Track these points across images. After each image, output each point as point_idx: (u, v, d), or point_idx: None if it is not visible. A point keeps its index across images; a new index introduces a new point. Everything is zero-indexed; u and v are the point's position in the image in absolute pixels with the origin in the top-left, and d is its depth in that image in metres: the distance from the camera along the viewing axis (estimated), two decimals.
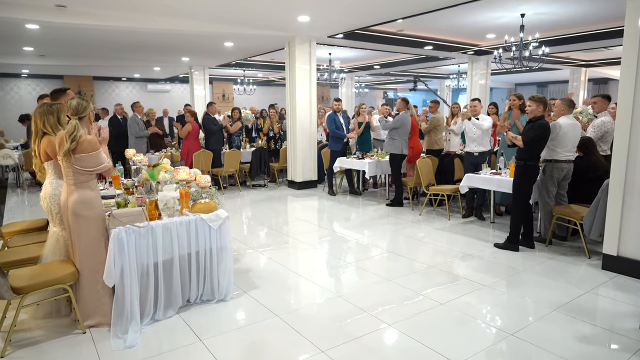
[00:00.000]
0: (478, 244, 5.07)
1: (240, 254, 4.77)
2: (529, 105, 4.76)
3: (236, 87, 16.52)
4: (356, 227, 5.93)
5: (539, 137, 4.60)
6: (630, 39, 3.88)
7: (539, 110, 4.69)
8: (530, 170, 4.72)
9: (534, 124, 4.67)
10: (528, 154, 4.67)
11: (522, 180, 4.78)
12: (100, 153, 3.01)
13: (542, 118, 4.68)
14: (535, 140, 4.60)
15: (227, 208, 7.16)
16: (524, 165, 4.74)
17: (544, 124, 4.61)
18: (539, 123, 4.62)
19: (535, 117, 4.69)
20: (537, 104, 4.69)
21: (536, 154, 4.69)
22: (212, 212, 3.42)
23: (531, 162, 4.69)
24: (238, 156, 8.38)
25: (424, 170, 6.48)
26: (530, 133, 4.64)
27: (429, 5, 6.50)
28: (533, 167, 4.71)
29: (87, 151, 2.93)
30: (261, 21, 7.33)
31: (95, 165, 2.98)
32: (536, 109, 4.70)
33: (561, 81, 19.52)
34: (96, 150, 2.98)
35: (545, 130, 4.60)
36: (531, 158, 4.68)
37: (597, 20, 7.94)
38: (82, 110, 3.04)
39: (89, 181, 3.00)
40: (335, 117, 7.88)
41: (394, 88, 23.72)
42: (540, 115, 4.69)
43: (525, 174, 4.75)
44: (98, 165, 2.99)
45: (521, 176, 4.79)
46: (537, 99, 4.70)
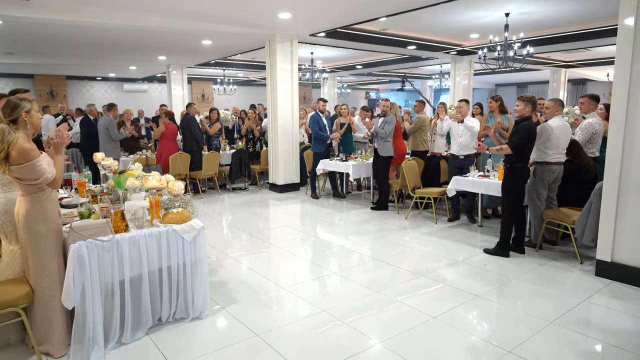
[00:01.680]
0: (467, 250, 4.89)
1: (219, 264, 4.48)
2: (517, 105, 4.60)
3: (216, 87, 16.13)
4: (340, 233, 5.70)
5: (524, 141, 4.45)
6: (623, 38, 3.75)
7: (527, 110, 4.54)
8: (519, 172, 4.56)
9: (518, 127, 4.53)
10: (515, 157, 4.52)
11: (510, 183, 4.62)
12: (35, 164, 2.54)
13: (529, 119, 4.53)
14: (521, 144, 4.46)
15: (206, 213, 6.94)
16: (511, 168, 4.58)
17: (528, 126, 4.46)
18: (523, 125, 4.48)
19: (522, 117, 4.55)
20: (525, 103, 4.54)
21: (524, 156, 4.52)
22: (186, 222, 3.13)
23: (519, 165, 4.54)
24: (217, 158, 8.07)
25: (409, 173, 6.29)
26: (514, 138, 4.49)
27: (412, 3, 6.32)
28: (521, 170, 4.55)
29: (18, 162, 2.51)
30: (240, 18, 7.04)
31: (34, 178, 2.56)
32: (524, 109, 4.54)
33: (541, 82, 19.71)
34: (30, 161, 2.52)
35: (530, 131, 4.45)
36: (518, 160, 4.53)
37: (580, 21, 7.90)
38: (11, 112, 2.58)
39: (39, 192, 2.64)
40: (319, 118, 7.64)
41: (376, 88, 23.61)
42: (527, 115, 4.54)
43: (513, 176, 4.59)
44: (37, 177, 2.57)
45: (509, 179, 4.63)
46: (526, 98, 4.54)
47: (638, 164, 3.77)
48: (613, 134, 3.90)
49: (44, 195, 2.69)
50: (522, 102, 4.54)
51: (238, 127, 10.32)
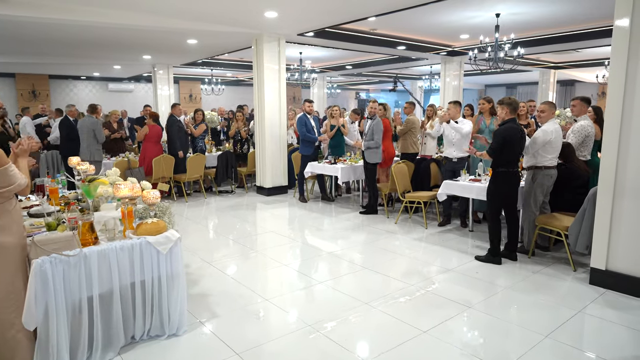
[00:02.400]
0: (458, 257, 4.75)
1: (201, 273, 4.28)
2: (497, 109, 4.51)
3: (204, 87, 15.86)
4: (329, 239, 5.53)
5: (500, 145, 4.35)
6: (619, 39, 3.63)
7: (504, 113, 4.43)
8: (500, 177, 4.45)
9: (496, 131, 4.46)
10: (496, 162, 4.43)
11: (492, 187, 4.53)
12: (7, 169, 2.38)
13: (509, 122, 4.41)
14: (498, 148, 4.36)
15: (190, 217, 6.72)
16: (494, 172, 4.50)
17: (503, 130, 4.37)
18: (499, 130, 4.40)
19: (504, 120, 4.44)
20: (501, 107, 4.46)
21: (506, 159, 4.40)
22: (162, 233, 2.93)
23: (501, 169, 4.42)
24: (202, 161, 7.85)
25: (399, 177, 6.15)
26: (492, 142, 4.44)
27: (402, 3, 6.17)
28: (504, 174, 4.43)
29: None
30: (225, 17, 6.84)
31: (7, 184, 2.38)
32: (501, 112, 4.45)
33: (530, 83, 19.73)
34: (1, 167, 2.36)
35: (505, 135, 4.33)
36: (500, 165, 4.42)
37: (571, 22, 7.83)
38: None
39: (5, 202, 2.45)
40: (306, 120, 7.47)
41: (366, 89, 23.50)
42: (508, 119, 4.42)
43: (495, 181, 4.50)
44: (10, 184, 2.39)
45: (492, 184, 4.55)
46: (505, 102, 4.43)
47: (634, 168, 3.66)
48: (608, 137, 3.78)
49: (10, 205, 2.48)
50: (500, 106, 4.47)
51: (224, 128, 10.12)
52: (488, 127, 5.88)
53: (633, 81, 3.58)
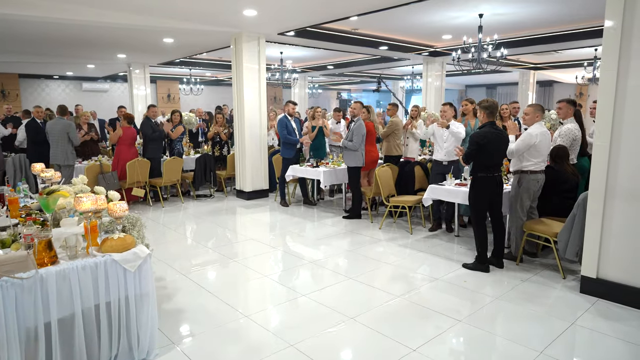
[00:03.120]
0: (445, 264, 4.61)
1: (176, 287, 4.03)
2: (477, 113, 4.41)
3: (182, 87, 15.45)
4: (312, 246, 5.33)
5: (475, 151, 4.24)
6: (609, 41, 3.53)
7: (482, 117, 4.34)
8: (478, 182, 4.35)
9: (471, 136, 4.37)
10: (473, 167, 4.35)
11: (472, 193, 4.43)
12: None
13: (487, 125, 4.31)
14: (473, 154, 4.26)
15: (166, 224, 6.42)
16: (473, 178, 4.42)
17: (477, 134, 4.27)
18: (475, 134, 4.30)
19: (482, 124, 4.35)
20: (480, 110, 4.37)
21: (483, 165, 4.30)
22: (129, 249, 2.68)
23: (480, 174, 4.32)
24: (179, 164, 7.55)
25: (383, 180, 5.98)
26: (467, 148, 4.35)
27: (385, 2, 6.01)
28: (483, 179, 4.32)
29: None
30: (203, 15, 6.56)
31: None
32: (480, 115, 4.36)
33: (510, 83, 19.90)
34: None
35: (479, 139, 4.22)
36: (477, 170, 4.33)
37: (554, 23, 7.81)
38: None
39: None
40: (287, 122, 7.25)
41: (347, 89, 23.37)
42: (485, 122, 4.32)
43: (473, 186, 4.41)
44: None
45: (471, 189, 4.45)
46: (482, 106, 4.33)
47: (626, 171, 3.55)
48: (599, 140, 3.67)
49: None
50: (478, 109, 4.35)
51: (202, 130, 9.83)
52: (473, 129, 5.76)
53: (624, 81, 3.48)
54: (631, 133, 3.49)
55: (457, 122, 5.69)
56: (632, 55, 3.43)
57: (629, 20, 3.42)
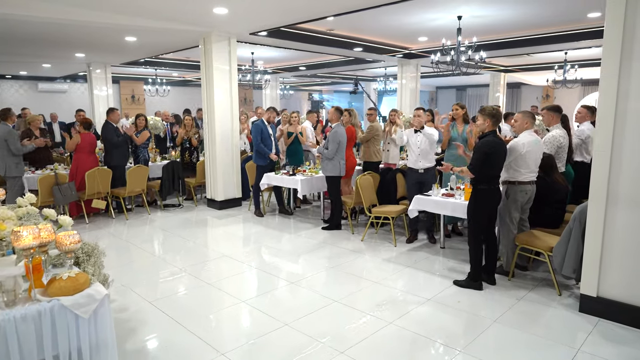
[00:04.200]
0: (434, 281, 4.34)
1: (139, 319, 3.57)
2: (477, 119, 4.12)
3: (147, 88, 14.71)
4: (291, 264, 4.95)
5: (481, 161, 3.95)
6: (611, 43, 3.32)
7: (487, 125, 4.07)
8: (481, 194, 4.07)
9: (476, 145, 4.07)
10: (477, 178, 4.03)
11: (472, 206, 4.14)
12: None
13: (490, 134, 4.06)
14: (479, 164, 3.96)
15: (129, 240, 5.86)
16: (474, 190, 4.11)
17: (485, 144, 3.97)
18: (480, 143, 4.01)
19: (483, 133, 4.08)
20: (484, 118, 4.07)
21: (487, 176, 4.03)
22: (82, 290, 2.25)
23: (482, 186, 4.04)
24: (145, 173, 7.01)
25: (365, 190, 5.68)
26: (472, 159, 4.04)
27: (364, 2, 5.70)
28: (484, 191, 4.05)
29: None
30: (169, 12, 6.06)
31: None
32: (483, 123, 4.08)
33: (479, 85, 20.07)
34: None
35: (487, 149, 3.95)
36: (480, 181, 4.03)
37: (530, 26, 7.73)
38: None
39: None
40: (263, 127, 6.81)
41: (319, 90, 23.06)
42: (488, 131, 4.07)
43: (475, 199, 4.10)
44: None
45: (472, 202, 4.14)
46: (487, 112, 4.06)
47: (629, 178, 3.34)
48: (599, 145, 3.44)
49: None
50: (482, 116, 4.07)
51: (170, 134, 9.27)
52: (461, 135, 5.54)
53: (627, 83, 3.27)
54: (634, 136, 3.29)
55: (429, 127, 5.47)
56: (634, 57, 3.23)
57: (630, 20, 3.22)
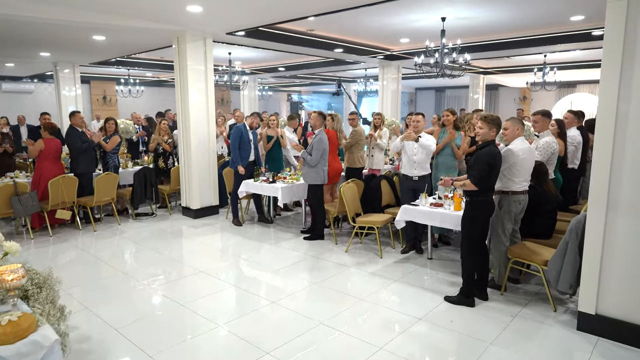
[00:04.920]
0: (424, 297, 4.10)
1: (104, 351, 3.21)
2: (480, 127, 3.88)
3: (119, 88, 14.11)
4: (272, 280, 4.64)
5: (486, 172, 3.73)
6: (611, 43, 3.15)
7: (492, 134, 3.85)
8: (480, 206, 3.84)
9: (477, 156, 3.81)
10: (477, 190, 3.78)
11: (469, 219, 3.89)
12: None
13: (491, 144, 3.84)
14: (485, 176, 3.74)
15: (96, 254, 5.31)
16: (472, 202, 3.85)
17: (488, 154, 3.74)
18: (483, 153, 3.76)
19: (485, 142, 3.86)
20: (489, 126, 3.83)
21: (487, 187, 3.82)
22: (26, 337, 1.91)
23: (481, 198, 3.82)
24: (114, 181, 6.58)
25: (349, 198, 5.42)
26: (475, 170, 3.76)
27: (347, 2, 5.45)
28: (483, 203, 3.84)
29: None
30: (139, 10, 5.68)
31: None
32: (488, 132, 3.84)
33: (458, 87, 20.11)
34: None
35: (490, 159, 3.74)
36: (481, 193, 3.80)
37: (512, 29, 7.63)
38: None
39: None
40: (243, 131, 6.46)
41: (298, 90, 22.75)
42: (490, 140, 3.85)
43: (474, 211, 3.86)
44: None
45: (467, 216, 3.90)
46: (490, 120, 3.85)
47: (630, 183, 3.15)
48: (599, 150, 3.25)
49: None
50: (487, 124, 3.83)
51: (142, 138, 8.83)
52: (453, 141, 5.35)
53: (628, 86, 3.10)
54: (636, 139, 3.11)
55: (427, 134, 5.23)
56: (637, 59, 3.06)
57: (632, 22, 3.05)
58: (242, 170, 6.39)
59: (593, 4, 5.99)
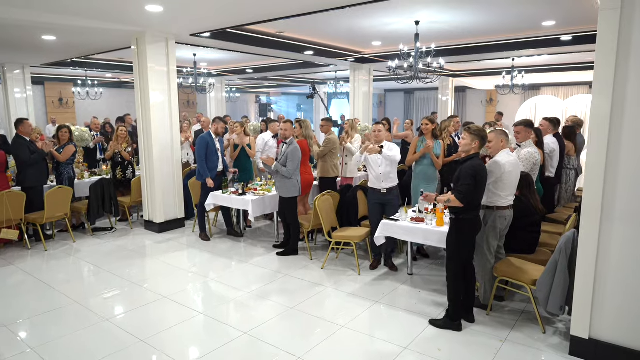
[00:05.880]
0: (408, 321, 3.85)
1: None
2: (463, 138, 3.66)
3: (76, 90, 13.29)
4: (242, 305, 4.26)
5: (472, 187, 3.48)
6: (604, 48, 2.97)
7: (474, 146, 3.62)
8: (467, 225, 3.61)
9: (462, 170, 3.55)
10: (463, 207, 3.53)
11: (454, 239, 3.65)
12: None
13: (475, 157, 3.63)
14: (470, 191, 3.49)
15: (43, 279, 4.78)
16: (457, 220, 3.61)
17: (473, 167, 3.50)
18: (467, 167, 3.52)
19: (469, 155, 3.63)
20: (472, 137, 3.60)
21: (474, 204, 3.60)
22: None
23: (467, 216, 3.59)
24: (68, 194, 6.02)
25: (324, 212, 5.12)
26: (461, 186, 3.48)
27: (319, 4, 5.16)
28: (470, 222, 3.61)
29: None
30: (93, 9, 5.18)
31: None
32: (470, 144, 3.61)
33: (427, 89, 20.20)
34: None
35: (476, 174, 3.50)
36: (466, 210, 3.57)
37: (486, 33, 7.55)
38: None
39: None
40: (210, 141, 6.03)
41: (267, 92, 22.29)
42: (474, 153, 3.63)
43: (461, 232, 3.61)
44: None
45: (452, 235, 3.66)
46: (474, 131, 3.62)
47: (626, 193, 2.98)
48: (592, 159, 3.07)
49: None
50: (470, 135, 3.59)
51: (100, 145, 8.25)
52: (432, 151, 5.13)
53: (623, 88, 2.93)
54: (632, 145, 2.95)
55: (390, 143, 4.91)
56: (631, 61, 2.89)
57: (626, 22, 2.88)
58: (211, 184, 5.97)
59: (564, 10, 5.96)
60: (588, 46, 8.00)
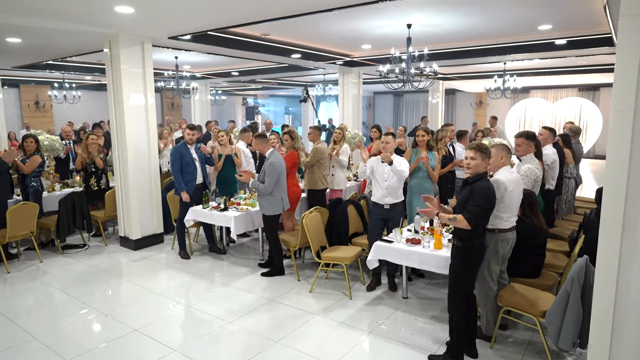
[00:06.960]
0: (406, 356, 3.49)
1: None
2: (472, 157, 3.29)
3: (53, 94, 12.70)
4: (223, 341, 3.87)
5: (485, 210, 3.16)
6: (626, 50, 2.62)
7: (484, 166, 3.29)
8: (473, 254, 3.27)
9: (473, 190, 3.19)
10: (470, 232, 3.19)
11: (458, 269, 3.31)
12: None
13: (484, 177, 3.28)
14: (482, 214, 3.16)
15: (6, 309, 4.25)
16: (465, 247, 3.25)
17: (487, 189, 3.18)
18: (481, 188, 3.17)
19: (478, 175, 3.28)
20: (482, 156, 3.26)
21: (482, 229, 3.26)
22: None
23: (475, 242, 3.22)
24: (33, 211, 5.55)
25: (312, 230, 4.73)
26: (472, 206, 3.13)
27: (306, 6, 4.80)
28: (477, 249, 3.27)
29: None
30: (59, 10, 4.72)
31: None
32: (480, 163, 3.27)
33: (415, 91, 19.92)
34: None
35: (490, 196, 3.19)
36: (474, 236, 3.22)
37: (481, 36, 7.25)
38: None
39: None
40: (184, 152, 5.61)
41: (254, 94, 21.82)
42: (482, 172, 3.29)
43: (467, 261, 3.28)
44: None
45: (456, 265, 3.31)
46: (483, 149, 3.29)
47: None
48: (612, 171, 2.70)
49: None
50: (480, 154, 3.25)
51: (73, 154, 7.75)
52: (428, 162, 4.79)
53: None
54: None
55: (399, 157, 4.60)
56: None
57: None
58: (187, 198, 5.55)
59: (563, 14, 5.69)
60: (581, 50, 7.77)
